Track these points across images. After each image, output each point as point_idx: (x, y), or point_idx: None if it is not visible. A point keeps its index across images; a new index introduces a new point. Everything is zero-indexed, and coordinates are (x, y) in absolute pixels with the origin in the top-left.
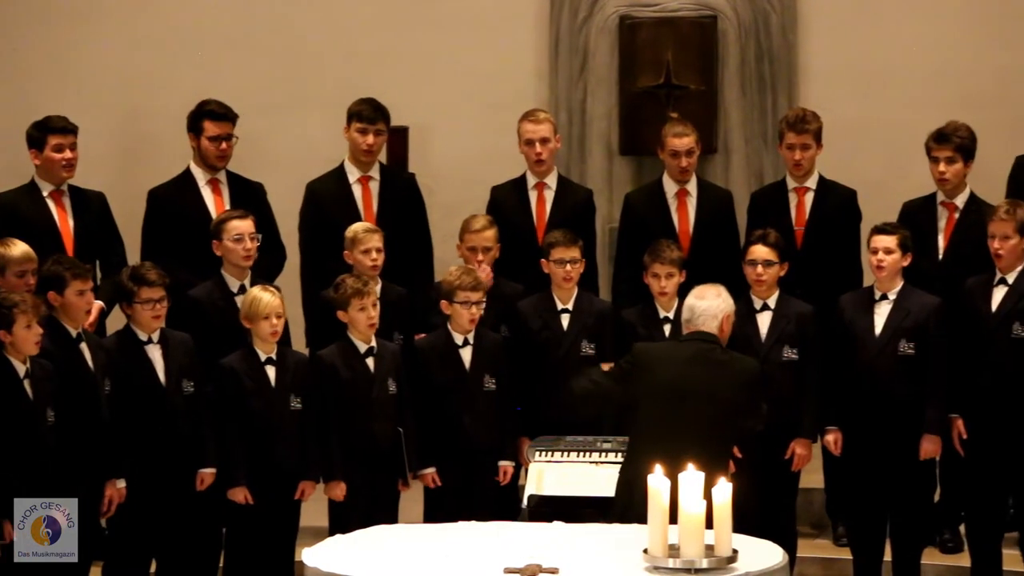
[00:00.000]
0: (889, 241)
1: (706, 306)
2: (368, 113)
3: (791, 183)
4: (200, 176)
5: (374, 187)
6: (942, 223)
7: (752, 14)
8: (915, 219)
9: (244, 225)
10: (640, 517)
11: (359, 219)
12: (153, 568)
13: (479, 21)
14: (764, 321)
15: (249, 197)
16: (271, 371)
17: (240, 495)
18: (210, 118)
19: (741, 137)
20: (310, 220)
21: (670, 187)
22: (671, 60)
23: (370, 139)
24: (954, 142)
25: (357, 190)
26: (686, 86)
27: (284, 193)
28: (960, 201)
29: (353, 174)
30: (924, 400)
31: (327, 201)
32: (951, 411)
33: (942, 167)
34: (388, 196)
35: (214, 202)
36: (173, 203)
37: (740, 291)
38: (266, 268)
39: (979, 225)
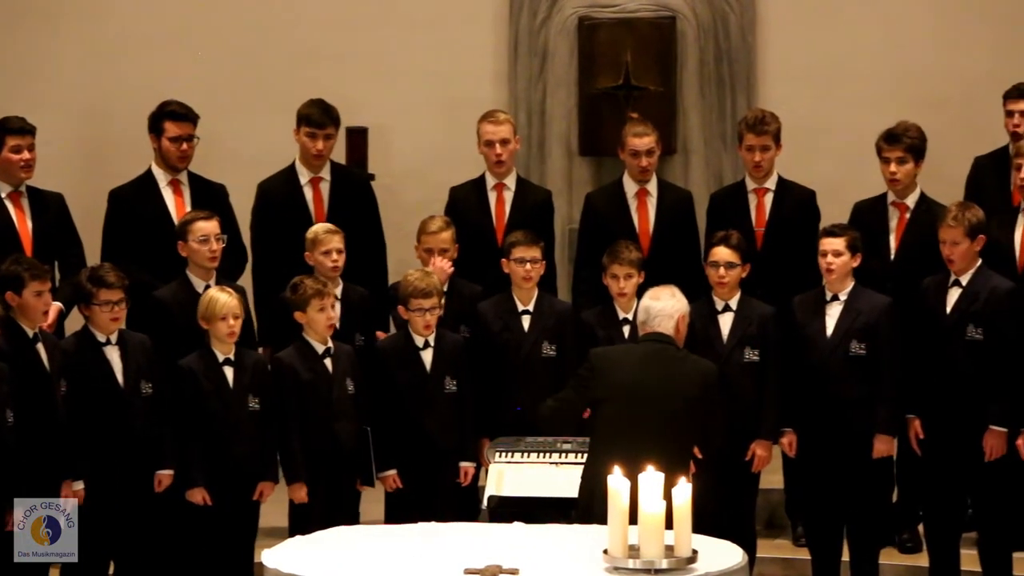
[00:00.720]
0: (838, 243)
1: (661, 307)
2: (317, 118)
3: (750, 184)
4: (161, 177)
5: (325, 188)
6: (893, 223)
7: (711, 15)
8: (866, 219)
9: (210, 226)
10: (601, 519)
11: (310, 220)
12: (112, 570)
13: (439, 22)
14: (726, 322)
15: (211, 198)
16: (229, 372)
17: (198, 496)
18: (171, 119)
19: (700, 138)
20: (261, 220)
21: (630, 187)
22: (630, 61)
23: (319, 144)
24: (904, 142)
25: (308, 191)
26: (645, 87)
27: (246, 194)
28: (911, 201)
29: (304, 175)
30: (876, 400)
31: (278, 201)
32: (908, 412)
33: (893, 167)
34: (339, 197)
35: (175, 203)
36: (134, 204)
37: (700, 292)
38: (228, 270)
39: (930, 225)
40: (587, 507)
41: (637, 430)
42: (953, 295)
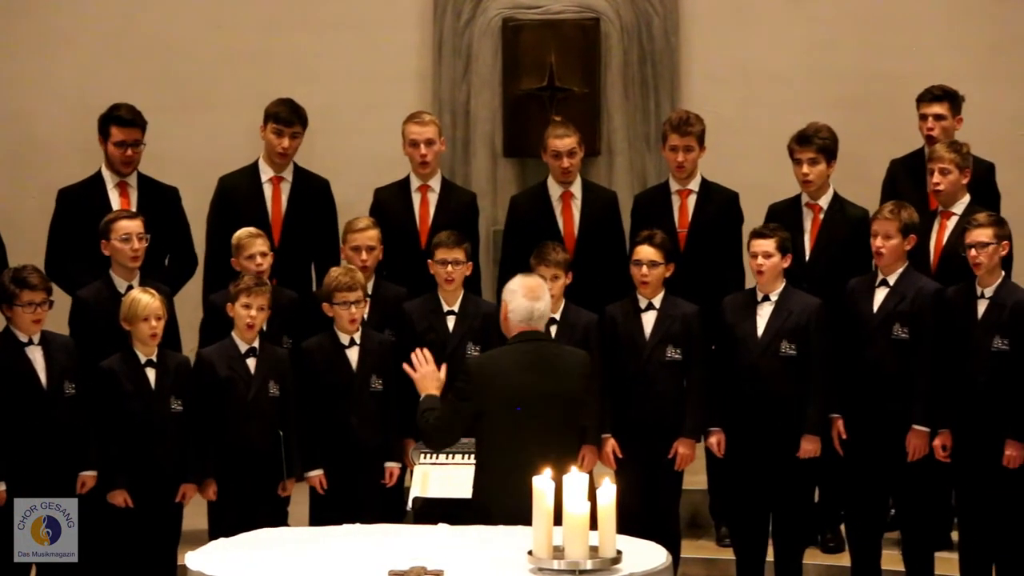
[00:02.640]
0: (768, 244)
1: (543, 308)
2: (285, 115)
3: (674, 185)
4: (109, 179)
5: (285, 188)
6: (807, 224)
7: (634, 16)
8: (781, 220)
9: (132, 225)
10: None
11: (266, 217)
12: (33, 572)
13: (362, 23)
14: (649, 321)
15: (161, 201)
16: (151, 373)
17: (119, 498)
18: (117, 124)
19: (624, 139)
20: (218, 213)
21: (554, 189)
22: (554, 62)
23: (285, 142)
24: (816, 143)
25: (268, 189)
26: (569, 88)
27: (183, 196)
28: (824, 202)
29: (266, 173)
30: (805, 400)
31: (237, 197)
32: (832, 411)
33: (805, 168)
34: (299, 199)
35: (120, 205)
36: (80, 204)
37: (626, 291)
38: (174, 274)
39: (844, 225)
40: (483, 515)
41: (524, 434)
42: (880, 295)
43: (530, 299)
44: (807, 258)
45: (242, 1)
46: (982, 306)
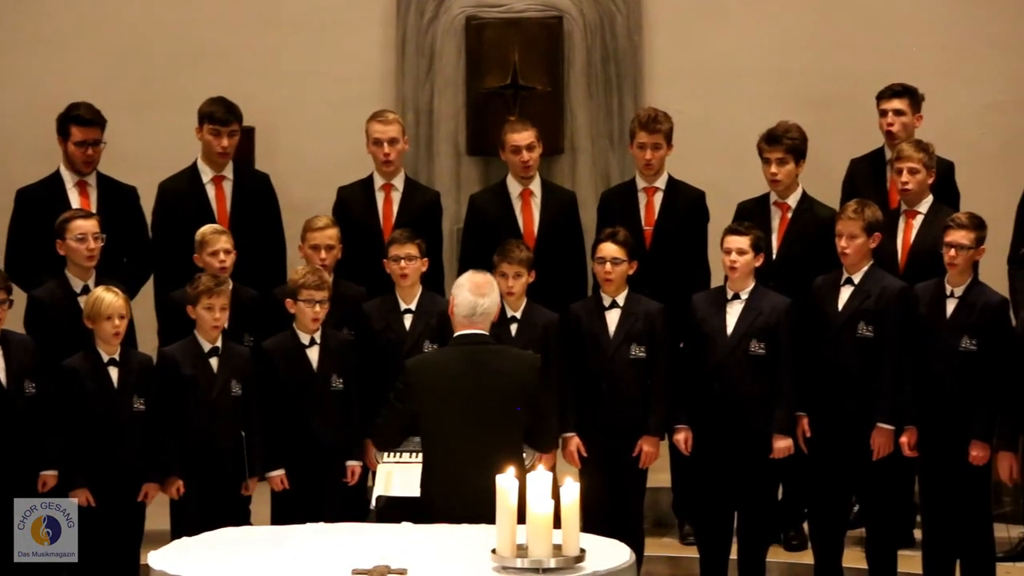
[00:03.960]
0: (742, 242)
1: (488, 305)
2: (221, 115)
3: (640, 183)
4: (68, 178)
5: (228, 187)
6: (775, 223)
7: (598, 15)
8: (749, 219)
9: (87, 224)
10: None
11: (212, 219)
12: None
13: (326, 21)
14: (612, 319)
15: (120, 200)
16: (114, 372)
17: (82, 497)
18: (77, 123)
19: (587, 138)
20: (163, 220)
21: (514, 187)
22: (517, 61)
23: (224, 141)
24: (785, 143)
25: (211, 190)
26: (532, 87)
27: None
28: (792, 201)
29: (207, 174)
30: (773, 400)
31: (180, 201)
32: (797, 409)
33: (774, 168)
34: (242, 196)
35: (80, 204)
36: (40, 204)
37: (584, 292)
38: (131, 274)
39: (812, 224)
40: (427, 515)
41: (461, 434)
42: (845, 293)
43: (476, 294)
44: (774, 257)
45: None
46: (951, 305)
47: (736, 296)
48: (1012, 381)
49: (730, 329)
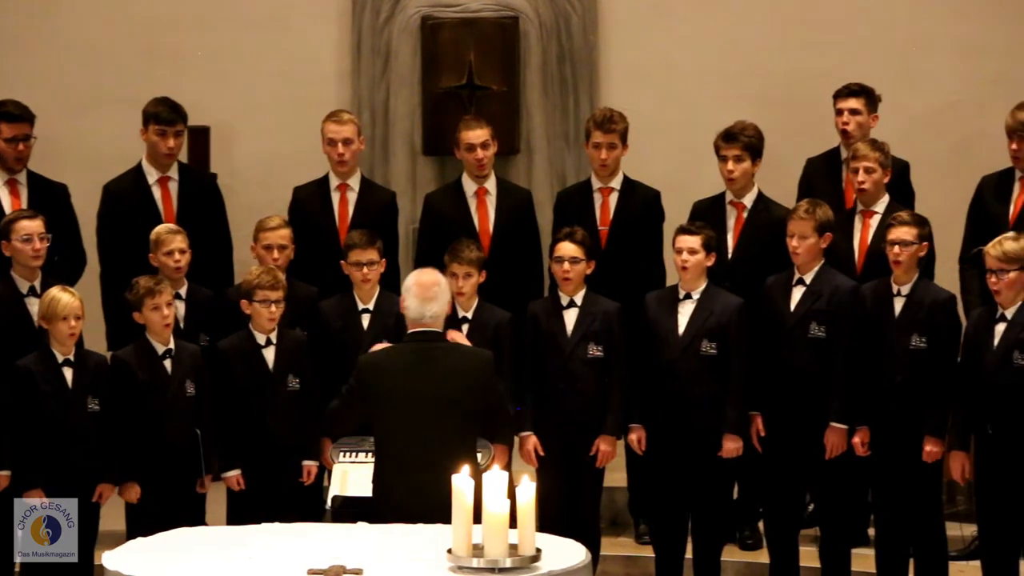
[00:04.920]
0: (693, 241)
1: (436, 309)
2: (166, 115)
3: (596, 183)
4: None
5: (173, 187)
6: (731, 222)
7: (553, 15)
8: (705, 218)
9: (33, 225)
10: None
11: (159, 220)
12: None
13: (281, 20)
14: (570, 318)
15: (50, 198)
16: (68, 373)
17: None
18: (5, 119)
19: (543, 137)
20: (109, 222)
21: (469, 186)
22: (473, 61)
23: (170, 142)
24: (741, 141)
25: (156, 191)
26: (488, 87)
27: (83, 193)
28: (748, 200)
29: (152, 175)
30: (725, 400)
31: (126, 203)
32: (751, 409)
33: (730, 166)
34: (188, 196)
35: (11, 203)
36: None
37: (540, 291)
38: (66, 272)
39: (767, 224)
40: (381, 516)
41: (412, 432)
42: (797, 293)
43: (422, 300)
44: (730, 256)
45: None
46: (899, 304)
47: (688, 296)
48: (962, 379)
49: (682, 329)
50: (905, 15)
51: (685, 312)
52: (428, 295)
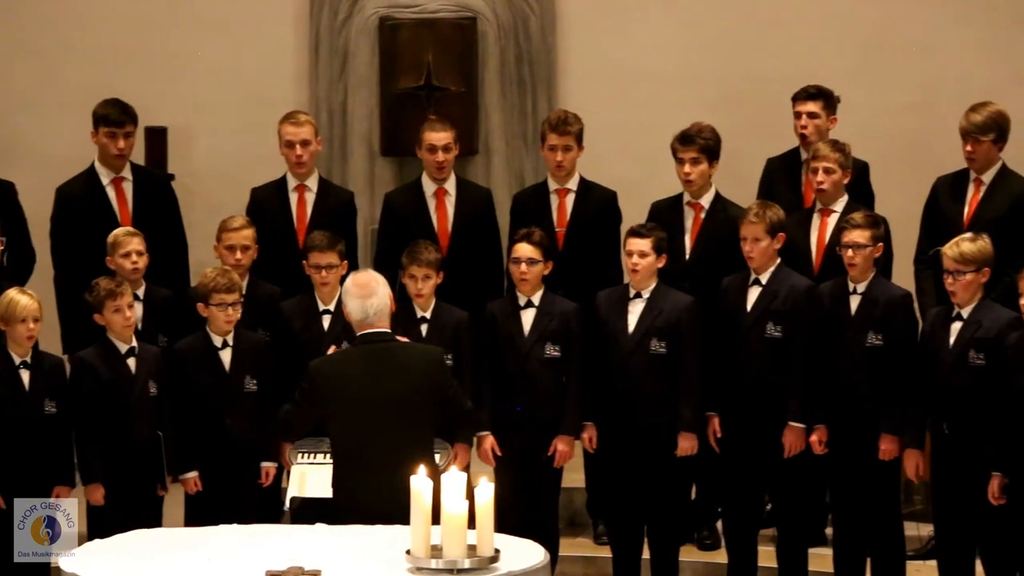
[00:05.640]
0: (643, 244)
1: (379, 304)
2: (115, 116)
3: (552, 185)
4: None
5: (128, 188)
6: (688, 223)
7: (511, 16)
8: (663, 219)
9: None
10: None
11: (114, 222)
12: None
13: (238, 21)
14: (528, 318)
15: None
16: (25, 375)
17: None
18: None
19: (502, 138)
20: (63, 225)
21: (428, 186)
22: (431, 61)
23: (120, 143)
24: (698, 143)
25: (111, 192)
26: (447, 87)
27: (36, 193)
28: (706, 201)
29: (105, 176)
30: (677, 398)
31: (80, 205)
32: (708, 409)
33: (687, 168)
34: (143, 197)
35: None
36: None
37: (500, 291)
38: (15, 271)
39: (725, 225)
40: (339, 517)
41: (368, 434)
42: (753, 293)
43: (362, 297)
44: (687, 257)
45: None
46: (855, 302)
47: (638, 295)
48: (918, 379)
49: (631, 328)
50: (862, 17)
51: (635, 311)
52: (367, 292)
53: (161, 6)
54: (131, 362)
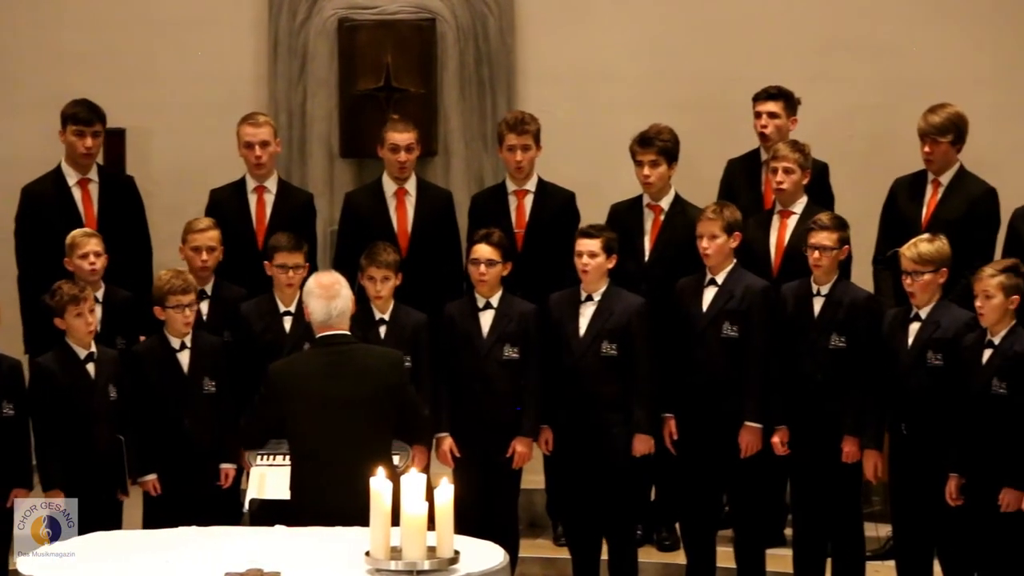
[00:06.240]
0: (593, 244)
1: (341, 305)
2: (84, 115)
3: (511, 186)
4: None
5: (94, 189)
6: (648, 224)
7: (470, 17)
8: (622, 220)
9: None
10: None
11: (80, 222)
12: None
13: (197, 22)
14: (486, 320)
15: None
16: None
17: None
18: None
19: (461, 140)
20: (28, 224)
21: (389, 186)
22: (390, 63)
23: (88, 142)
24: (657, 145)
25: (77, 193)
26: (406, 89)
27: None
28: (665, 203)
29: (72, 177)
30: (630, 400)
31: (45, 205)
32: (664, 410)
33: (646, 170)
34: (108, 198)
35: None
36: None
37: (460, 292)
38: None
39: (684, 227)
40: (298, 519)
41: (326, 436)
42: (709, 294)
43: (326, 298)
44: (646, 258)
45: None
46: (818, 304)
47: (589, 297)
48: (877, 379)
49: (583, 330)
50: (821, 19)
51: (586, 314)
52: (331, 293)
53: (120, 8)
54: (90, 367)
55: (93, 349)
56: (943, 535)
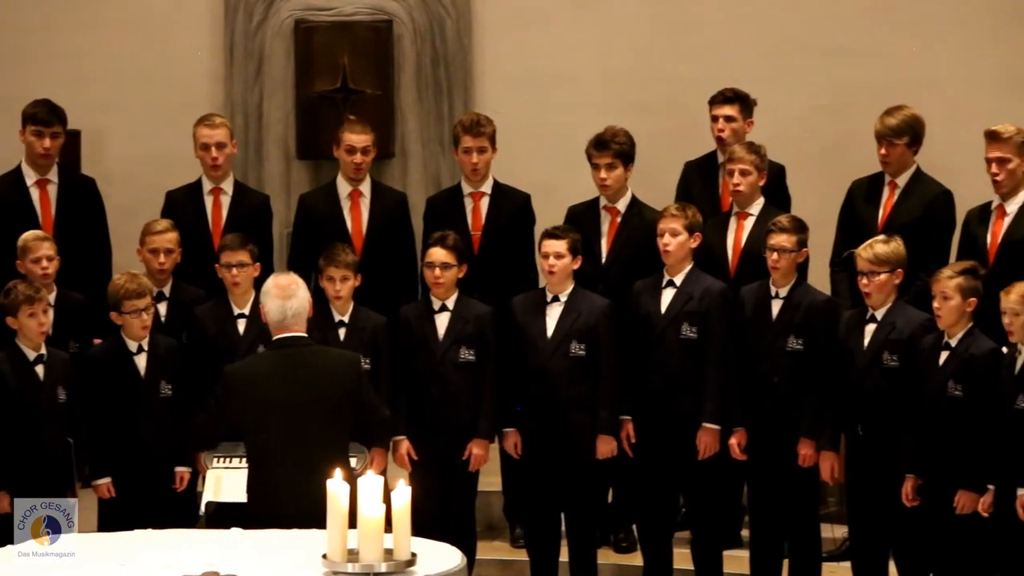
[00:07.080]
0: (559, 245)
1: (297, 305)
2: (43, 116)
3: (466, 188)
4: None
5: (52, 190)
6: (605, 227)
7: (427, 19)
8: (579, 223)
9: None
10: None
11: (36, 223)
12: None
13: (152, 23)
14: (442, 322)
15: None
16: None
17: None
18: None
19: (418, 142)
20: None
21: (344, 188)
22: (347, 64)
23: (47, 142)
24: (613, 149)
25: (35, 193)
26: (363, 91)
27: None
28: (622, 205)
29: (31, 177)
30: (596, 400)
31: (3, 204)
32: (622, 412)
33: (603, 173)
34: (67, 199)
35: None
36: None
37: (414, 294)
38: None
39: (641, 229)
40: (255, 522)
41: (281, 438)
42: (667, 295)
43: (282, 298)
44: (604, 261)
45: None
46: (776, 306)
47: (555, 298)
48: (833, 380)
49: (550, 331)
50: (777, 21)
51: (553, 315)
52: (287, 293)
53: (75, 8)
54: (39, 368)
55: (43, 351)
56: (899, 536)
